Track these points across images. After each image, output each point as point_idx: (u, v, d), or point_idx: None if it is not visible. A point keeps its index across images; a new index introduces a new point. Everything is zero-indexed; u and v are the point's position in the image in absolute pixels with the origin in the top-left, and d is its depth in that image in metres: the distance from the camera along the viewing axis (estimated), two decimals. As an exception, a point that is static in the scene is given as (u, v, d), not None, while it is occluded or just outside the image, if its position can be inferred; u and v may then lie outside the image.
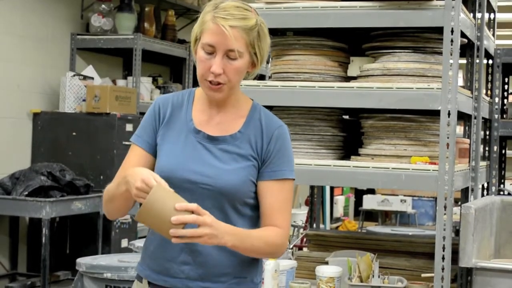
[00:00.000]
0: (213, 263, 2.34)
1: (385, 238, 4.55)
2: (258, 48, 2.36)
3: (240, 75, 2.37)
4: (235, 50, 2.30)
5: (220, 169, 2.33)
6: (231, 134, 2.39)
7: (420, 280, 3.90)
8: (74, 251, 6.24)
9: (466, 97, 4.05)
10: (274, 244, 2.35)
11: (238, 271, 2.38)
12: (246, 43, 2.33)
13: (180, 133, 2.40)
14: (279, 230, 2.35)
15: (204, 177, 2.32)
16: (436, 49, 3.90)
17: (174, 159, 2.37)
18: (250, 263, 2.40)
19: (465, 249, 3.76)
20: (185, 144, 2.38)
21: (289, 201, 2.42)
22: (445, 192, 3.61)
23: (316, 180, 4.15)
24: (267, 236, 2.34)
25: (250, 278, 2.41)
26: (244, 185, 2.34)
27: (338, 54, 4.10)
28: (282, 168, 2.39)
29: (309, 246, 4.76)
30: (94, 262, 4.04)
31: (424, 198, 9.15)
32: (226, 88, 2.36)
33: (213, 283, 2.35)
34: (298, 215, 9.00)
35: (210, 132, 2.40)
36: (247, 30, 2.32)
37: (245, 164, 2.35)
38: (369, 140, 3.99)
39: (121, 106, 6.34)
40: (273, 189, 2.37)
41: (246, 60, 2.35)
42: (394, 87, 3.73)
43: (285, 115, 4.11)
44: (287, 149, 2.41)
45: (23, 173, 5.82)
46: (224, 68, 2.32)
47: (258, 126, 2.40)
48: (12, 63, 6.21)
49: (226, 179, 2.32)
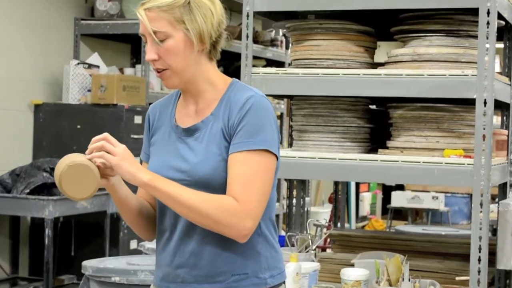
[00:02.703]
0: (206, 263, 2.38)
1: (415, 238, 4.55)
2: (191, 22, 2.34)
3: (180, 56, 2.36)
4: (157, 31, 2.34)
5: (192, 162, 2.38)
6: (203, 120, 2.42)
7: (454, 284, 3.90)
8: (80, 253, 6.27)
9: (503, 84, 4.04)
10: (224, 210, 2.27)
11: (235, 267, 2.39)
12: (170, 21, 2.34)
13: (165, 132, 2.50)
14: (234, 201, 2.29)
15: (180, 173, 2.38)
16: (470, 32, 3.89)
17: (158, 158, 2.47)
18: (249, 257, 2.40)
19: (503, 250, 3.75)
20: (168, 142, 2.47)
21: (256, 176, 2.32)
22: (481, 188, 3.60)
23: (340, 176, 4.16)
24: (215, 198, 2.30)
25: (253, 274, 2.40)
26: (217, 171, 2.35)
27: (364, 39, 4.10)
28: (246, 140, 2.33)
29: (333, 247, 4.77)
30: (101, 265, 4.06)
31: (458, 195, 9.14)
32: (171, 74, 2.39)
33: (209, 284, 2.39)
34: (321, 213, 9.03)
35: (187, 124, 2.45)
36: (165, 7, 2.33)
37: (218, 149, 2.37)
38: (398, 132, 3.99)
39: (129, 97, 6.36)
40: (235, 161, 2.33)
41: (178, 38, 2.35)
42: (425, 74, 3.73)
43: (306, 105, 4.12)
44: (256, 119, 2.35)
45: (24, 169, 5.86)
46: (158, 53, 2.36)
47: (228, 102, 2.40)
48: (11, 51, 6.23)
49: (200, 170, 2.36)
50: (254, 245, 2.41)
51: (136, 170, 2.27)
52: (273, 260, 2.46)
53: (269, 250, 2.45)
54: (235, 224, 2.29)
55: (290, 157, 3.94)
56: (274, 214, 2.51)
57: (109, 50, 7.26)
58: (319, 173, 4.00)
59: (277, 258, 2.49)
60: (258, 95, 2.40)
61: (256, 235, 2.40)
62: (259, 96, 2.39)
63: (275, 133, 2.39)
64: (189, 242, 2.39)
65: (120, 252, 6.17)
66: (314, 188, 10.46)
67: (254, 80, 3.98)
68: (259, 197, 2.33)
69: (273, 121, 2.40)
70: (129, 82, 6.45)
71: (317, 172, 3.94)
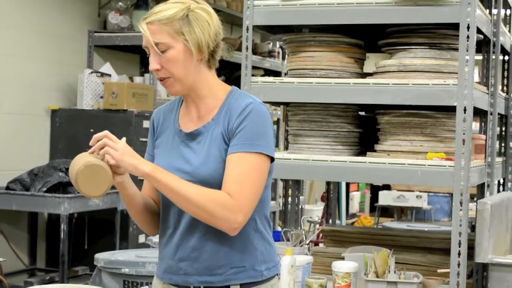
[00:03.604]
0: (207, 257, 2.38)
1: (400, 234, 4.55)
2: (190, 34, 2.34)
3: (180, 65, 2.36)
4: (158, 42, 2.34)
5: (195, 164, 2.38)
6: (204, 125, 2.42)
7: (436, 276, 3.90)
8: (92, 246, 6.26)
9: (482, 93, 4.04)
10: (218, 203, 2.27)
11: (234, 261, 2.39)
12: (170, 33, 2.34)
13: (169, 136, 2.50)
14: (228, 196, 2.29)
15: (184, 174, 2.38)
16: (452, 45, 3.88)
17: (162, 160, 2.46)
18: (246, 252, 2.40)
19: (481, 245, 3.75)
20: (172, 146, 2.47)
21: (250, 175, 2.32)
22: (461, 188, 3.60)
23: (332, 176, 4.16)
24: (210, 192, 2.30)
25: (250, 267, 2.40)
26: (217, 172, 2.35)
27: (354, 51, 4.10)
28: (243, 142, 2.33)
29: (325, 241, 4.76)
30: (112, 258, 4.06)
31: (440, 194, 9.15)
32: (173, 81, 2.39)
33: (210, 276, 2.39)
34: (314, 211, 9.02)
35: (190, 128, 2.45)
36: (165, 20, 2.33)
37: (218, 152, 2.37)
38: (385, 136, 3.99)
39: (138, 103, 6.35)
40: (232, 161, 2.33)
41: (178, 49, 2.35)
42: (410, 83, 3.73)
43: (301, 111, 4.11)
44: (253, 124, 2.35)
45: (41, 169, 5.85)
46: (161, 63, 2.37)
47: (228, 108, 2.40)
48: (30, 60, 6.23)
49: (202, 171, 2.36)
50: (251, 240, 2.41)
51: (138, 162, 2.28)
52: (268, 254, 2.46)
53: (264, 245, 2.45)
54: (227, 217, 2.29)
55: (286, 159, 3.94)
56: (269, 212, 2.51)
57: (120, 60, 7.25)
58: (313, 174, 4.00)
59: (272, 252, 2.49)
60: (256, 102, 2.40)
61: (252, 231, 2.40)
62: (257, 103, 2.39)
63: (271, 137, 2.38)
64: (191, 238, 2.40)
65: (129, 246, 6.16)
66: (308, 187, 10.46)
67: (253, 88, 3.97)
68: (250, 194, 2.32)
69: (270, 126, 2.39)
70: (138, 89, 6.44)
71: (311, 173, 3.94)
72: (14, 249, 6.07)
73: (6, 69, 5.99)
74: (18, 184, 5.76)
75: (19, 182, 5.78)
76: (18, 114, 6.13)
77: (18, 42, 6.09)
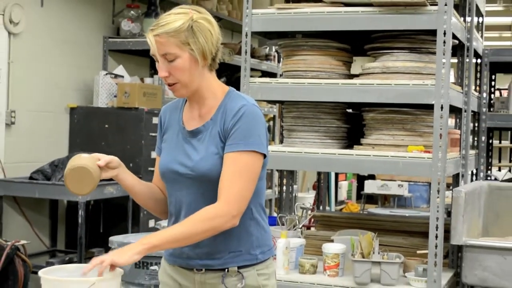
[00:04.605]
0: (206, 243, 2.36)
1: (384, 219, 4.56)
2: (195, 44, 2.32)
3: (187, 72, 2.34)
4: (167, 53, 2.32)
5: (195, 159, 2.37)
6: (204, 124, 2.41)
7: (415, 256, 3.91)
8: (107, 230, 6.25)
9: (457, 92, 4.04)
10: (210, 219, 2.26)
11: (231, 246, 2.38)
12: (177, 43, 2.31)
13: (174, 132, 2.48)
14: (214, 205, 2.28)
15: (185, 168, 2.37)
16: (430, 49, 3.89)
17: (167, 155, 2.46)
18: (243, 238, 2.39)
19: (456, 229, 3.76)
20: (177, 142, 2.45)
21: (242, 173, 2.30)
22: (438, 178, 3.61)
23: (322, 167, 4.16)
24: (198, 215, 2.28)
25: (245, 251, 2.40)
26: (215, 167, 2.33)
27: (342, 54, 4.10)
28: (237, 142, 2.32)
29: (316, 226, 4.77)
30: (125, 240, 4.05)
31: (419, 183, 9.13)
32: (181, 87, 2.37)
33: (210, 260, 2.39)
34: (306, 198, 9.02)
35: (192, 126, 2.44)
36: (173, 33, 2.30)
37: (216, 149, 2.35)
38: (370, 131, 3.99)
39: (148, 102, 6.34)
40: (227, 161, 2.32)
41: (185, 57, 2.33)
42: (392, 84, 3.73)
43: (294, 109, 4.12)
44: (247, 124, 2.33)
45: (61, 161, 5.84)
46: (169, 70, 2.34)
47: (225, 109, 2.38)
48: (51, 64, 6.22)
49: (201, 166, 2.35)
50: (247, 227, 2.40)
51: (132, 253, 2.24)
52: (263, 239, 2.45)
53: (259, 231, 2.44)
54: (223, 222, 2.27)
55: (281, 152, 3.94)
56: (264, 201, 2.50)
57: (132, 63, 7.24)
58: (305, 165, 4.00)
59: (266, 237, 2.48)
60: (249, 104, 2.37)
61: (248, 219, 2.40)
62: (250, 104, 2.37)
63: (263, 135, 2.37)
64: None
65: (140, 230, 6.15)
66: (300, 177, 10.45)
67: (252, 88, 3.97)
68: (243, 191, 2.31)
69: (262, 126, 2.37)
70: (148, 89, 6.43)
71: (303, 164, 3.94)
72: (37, 232, 6.07)
73: (31, 72, 5.99)
74: (40, 174, 5.76)
75: (41, 173, 5.77)
76: (40, 111, 6.13)
77: (42, 48, 6.08)
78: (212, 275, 2.40)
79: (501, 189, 4.44)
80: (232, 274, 2.38)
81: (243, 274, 2.39)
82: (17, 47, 5.84)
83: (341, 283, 3.70)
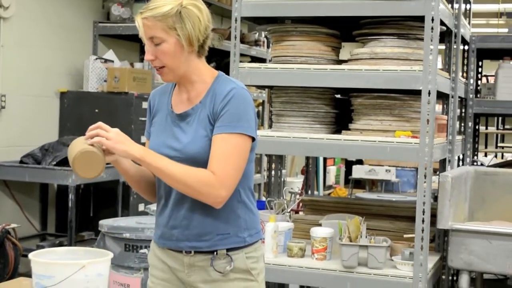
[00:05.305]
0: (195, 225, 2.38)
1: (371, 203, 4.57)
2: (182, 29, 2.31)
3: (173, 56, 2.34)
4: (153, 36, 2.32)
5: (184, 142, 2.37)
6: (193, 107, 2.41)
7: (402, 240, 3.92)
8: (97, 214, 6.26)
9: (444, 78, 4.05)
10: (202, 181, 2.27)
11: (219, 228, 2.39)
12: (163, 28, 2.31)
13: (163, 116, 2.48)
14: (211, 174, 2.28)
15: (174, 151, 2.38)
16: (418, 35, 3.89)
17: (156, 139, 2.46)
18: (231, 220, 2.40)
19: (443, 213, 3.78)
20: (165, 125, 2.46)
21: (232, 154, 2.31)
22: (425, 163, 3.62)
23: (311, 152, 4.16)
24: (195, 171, 2.29)
25: (234, 234, 2.40)
26: (204, 150, 2.34)
27: (331, 40, 4.10)
28: (226, 124, 2.32)
29: (304, 210, 4.78)
30: (115, 224, 4.06)
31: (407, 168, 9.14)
32: (167, 70, 2.37)
33: (198, 242, 2.39)
34: (295, 183, 9.04)
35: (181, 110, 2.44)
36: (160, 17, 2.30)
37: (205, 131, 2.36)
38: (358, 117, 3.99)
39: (138, 86, 6.33)
40: (217, 141, 2.32)
41: (172, 42, 2.32)
42: (380, 69, 3.73)
43: (283, 94, 4.11)
44: (236, 107, 2.33)
45: (51, 145, 5.83)
46: (156, 54, 2.34)
47: (214, 93, 2.39)
48: (42, 48, 6.20)
49: (190, 149, 2.35)
50: (235, 210, 2.41)
51: (129, 149, 2.26)
52: (251, 221, 2.46)
53: (248, 214, 2.45)
54: (210, 194, 2.29)
55: (270, 137, 3.94)
56: (252, 184, 2.50)
57: (122, 48, 7.21)
58: (294, 150, 4.00)
59: (255, 220, 2.48)
60: (239, 87, 2.38)
61: (236, 202, 2.40)
62: (239, 88, 2.37)
63: (252, 119, 2.37)
64: (181, 208, 2.40)
65: (130, 213, 6.16)
66: (289, 162, 10.47)
67: (241, 73, 3.97)
68: (233, 171, 2.32)
69: (251, 109, 2.37)
70: (138, 74, 6.41)
71: (292, 148, 3.95)
72: (27, 216, 6.07)
73: (22, 57, 5.96)
74: (31, 158, 5.75)
75: (31, 157, 5.76)
76: (31, 96, 6.11)
77: (32, 32, 6.05)
78: (201, 257, 2.40)
79: (487, 174, 4.46)
80: (221, 257, 2.39)
81: (231, 256, 2.40)
82: (8, 31, 5.81)
83: (329, 266, 3.72)
